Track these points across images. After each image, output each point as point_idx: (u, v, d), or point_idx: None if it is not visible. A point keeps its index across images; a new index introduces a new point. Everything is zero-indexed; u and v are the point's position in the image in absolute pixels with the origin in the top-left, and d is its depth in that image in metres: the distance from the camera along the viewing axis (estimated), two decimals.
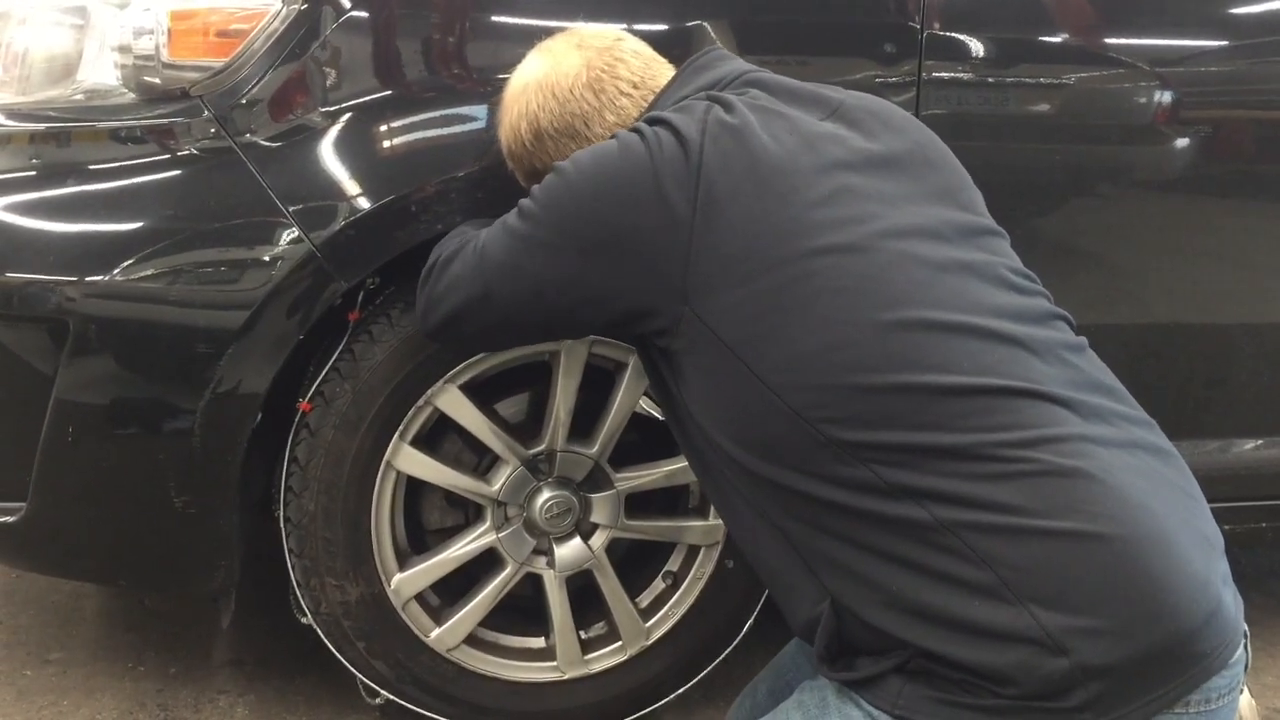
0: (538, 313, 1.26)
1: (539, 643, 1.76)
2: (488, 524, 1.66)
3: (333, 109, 1.49)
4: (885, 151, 1.21)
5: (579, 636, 1.73)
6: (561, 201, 1.20)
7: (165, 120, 1.49)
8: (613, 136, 1.22)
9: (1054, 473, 1.04)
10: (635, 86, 1.33)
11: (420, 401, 1.56)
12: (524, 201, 1.24)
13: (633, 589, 1.75)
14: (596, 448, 1.65)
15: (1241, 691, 1.11)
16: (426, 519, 1.77)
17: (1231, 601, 1.08)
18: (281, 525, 1.61)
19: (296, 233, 1.46)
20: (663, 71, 1.36)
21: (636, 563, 1.80)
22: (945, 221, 1.18)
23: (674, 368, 1.21)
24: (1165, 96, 1.74)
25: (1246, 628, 1.10)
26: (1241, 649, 1.08)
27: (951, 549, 1.05)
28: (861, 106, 1.26)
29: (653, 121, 1.20)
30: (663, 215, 1.14)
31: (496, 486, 1.64)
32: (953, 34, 1.64)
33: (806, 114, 1.23)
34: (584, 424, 1.65)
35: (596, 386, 1.64)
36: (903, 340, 1.09)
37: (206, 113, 1.48)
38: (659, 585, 1.78)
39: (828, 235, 1.12)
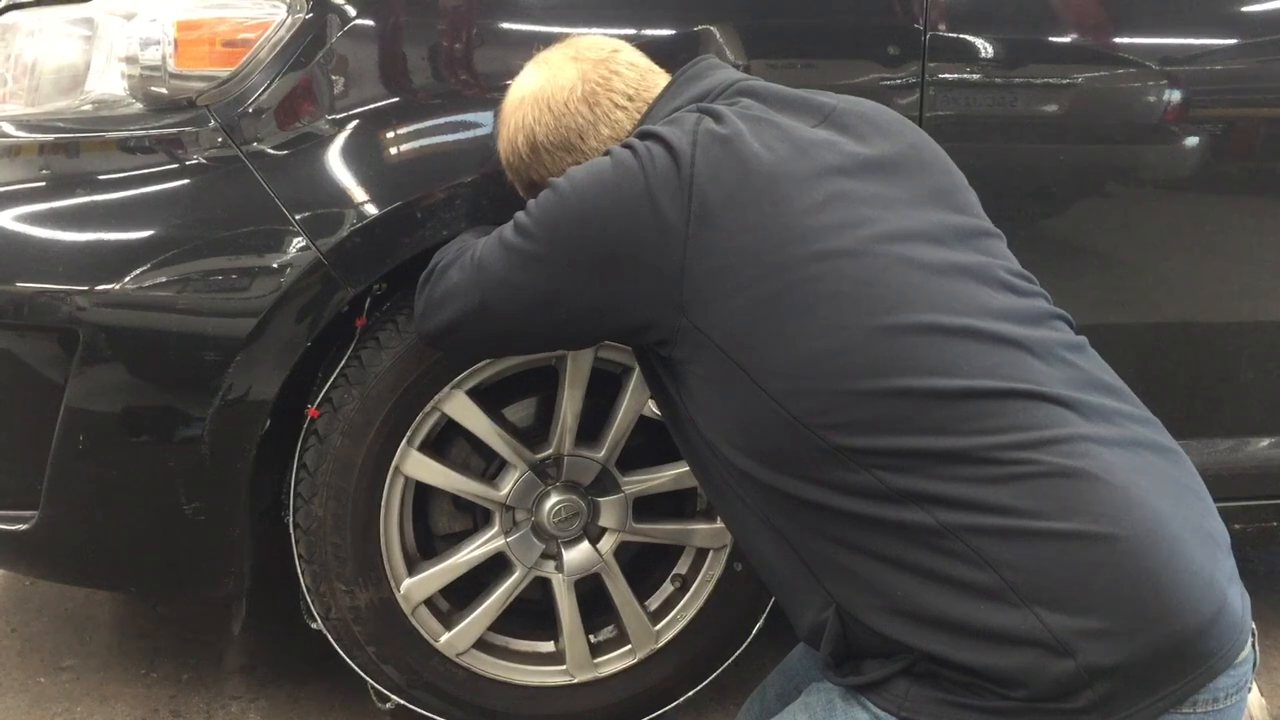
0: (534, 325, 1.27)
1: (548, 647, 1.77)
2: (496, 529, 1.67)
3: (339, 117, 1.50)
4: (879, 155, 1.21)
5: (588, 640, 1.73)
6: (556, 218, 1.20)
7: (172, 130, 1.50)
8: (607, 152, 1.22)
9: (1057, 474, 1.04)
10: (630, 99, 1.34)
11: (428, 407, 1.57)
12: (520, 216, 1.24)
13: (641, 592, 1.75)
14: (604, 452, 1.65)
15: (1250, 690, 1.11)
16: (435, 524, 1.77)
17: (1238, 599, 1.08)
18: (291, 531, 1.62)
19: (304, 240, 1.46)
20: (658, 83, 1.36)
21: (645, 566, 1.80)
22: (941, 224, 1.18)
23: (675, 376, 1.21)
24: (1172, 96, 1.74)
25: (1254, 626, 1.10)
26: (1249, 647, 1.08)
27: (956, 553, 1.05)
28: (854, 111, 1.26)
29: (644, 136, 1.20)
30: (657, 229, 1.15)
31: (504, 491, 1.64)
32: (956, 35, 1.64)
33: (798, 121, 1.23)
34: (591, 428, 1.65)
35: (603, 391, 1.64)
36: (902, 344, 1.09)
37: (213, 122, 1.49)
38: (668, 588, 1.79)
39: (823, 241, 1.12)
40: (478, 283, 1.26)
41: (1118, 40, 1.74)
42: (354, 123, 1.50)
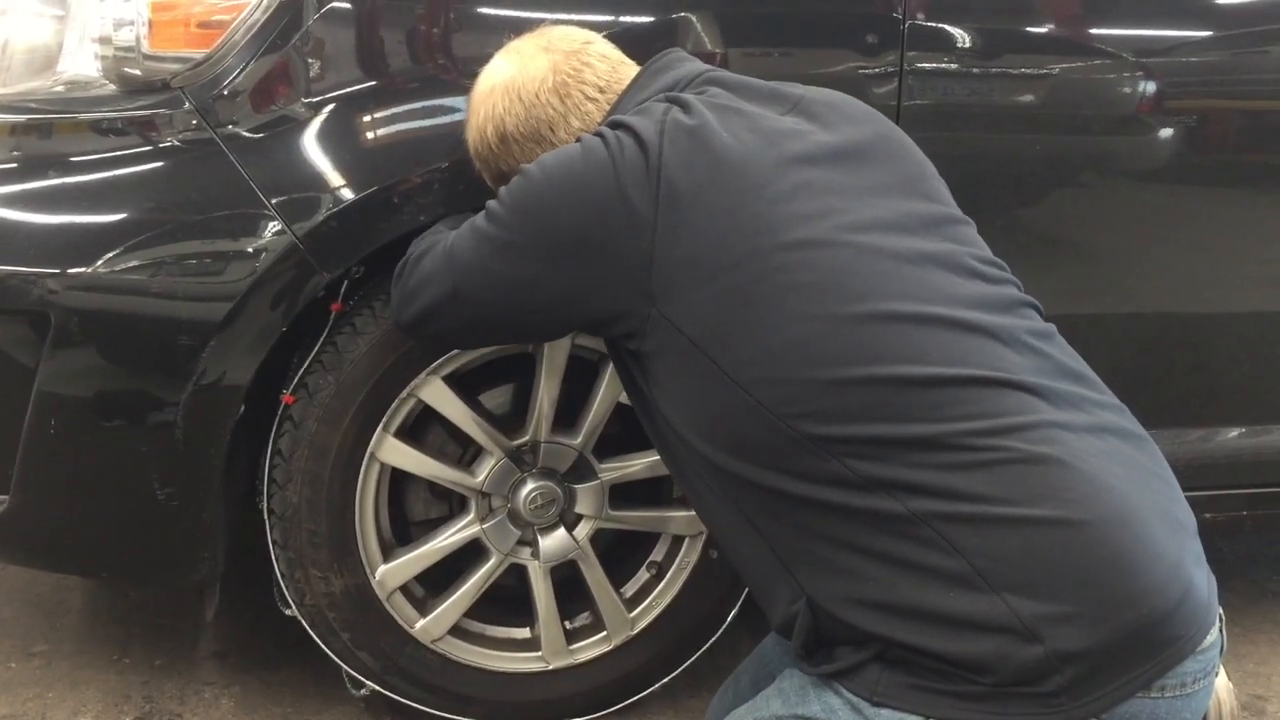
0: (505, 314, 1.27)
1: (524, 633, 1.77)
2: (472, 515, 1.66)
3: (315, 100, 1.49)
4: (845, 143, 1.21)
5: (564, 627, 1.74)
6: (527, 205, 1.21)
7: (146, 112, 1.48)
8: (578, 139, 1.22)
9: (1024, 460, 1.05)
10: (601, 91, 1.34)
11: (404, 393, 1.56)
12: (491, 203, 1.25)
13: (617, 579, 1.76)
14: (580, 438, 1.65)
15: (1217, 675, 1.12)
16: (411, 510, 1.77)
17: (1204, 583, 1.09)
18: (265, 517, 1.61)
19: (279, 224, 1.45)
20: (629, 75, 1.36)
21: (621, 553, 1.80)
22: (908, 213, 1.19)
23: (645, 370, 1.21)
24: (1148, 86, 1.75)
25: (1222, 611, 1.11)
26: (1216, 631, 1.09)
27: (925, 540, 1.06)
28: (821, 100, 1.27)
29: (614, 125, 1.21)
30: (625, 218, 1.15)
31: (481, 478, 1.64)
32: (935, 24, 1.64)
33: (766, 110, 1.24)
34: (568, 415, 1.65)
35: (580, 378, 1.64)
36: (871, 333, 1.09)
37: (188, 104, 1.47)
38: (643, 575, 1.79)
39: (791, 231, 1.13)
40: (450, 270, 1.26)
41: (1095, 31, 1.75)
42: (331, 106, 1.49)
